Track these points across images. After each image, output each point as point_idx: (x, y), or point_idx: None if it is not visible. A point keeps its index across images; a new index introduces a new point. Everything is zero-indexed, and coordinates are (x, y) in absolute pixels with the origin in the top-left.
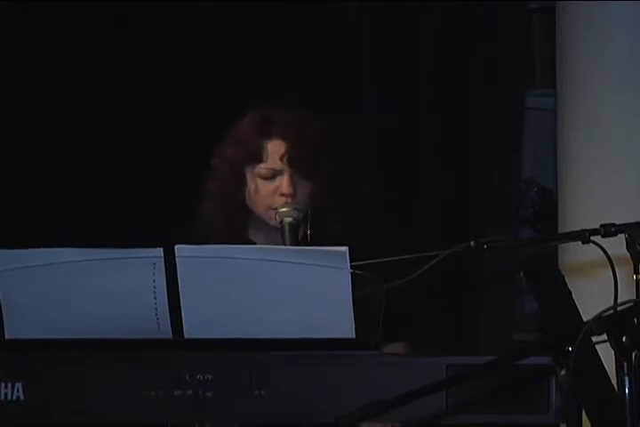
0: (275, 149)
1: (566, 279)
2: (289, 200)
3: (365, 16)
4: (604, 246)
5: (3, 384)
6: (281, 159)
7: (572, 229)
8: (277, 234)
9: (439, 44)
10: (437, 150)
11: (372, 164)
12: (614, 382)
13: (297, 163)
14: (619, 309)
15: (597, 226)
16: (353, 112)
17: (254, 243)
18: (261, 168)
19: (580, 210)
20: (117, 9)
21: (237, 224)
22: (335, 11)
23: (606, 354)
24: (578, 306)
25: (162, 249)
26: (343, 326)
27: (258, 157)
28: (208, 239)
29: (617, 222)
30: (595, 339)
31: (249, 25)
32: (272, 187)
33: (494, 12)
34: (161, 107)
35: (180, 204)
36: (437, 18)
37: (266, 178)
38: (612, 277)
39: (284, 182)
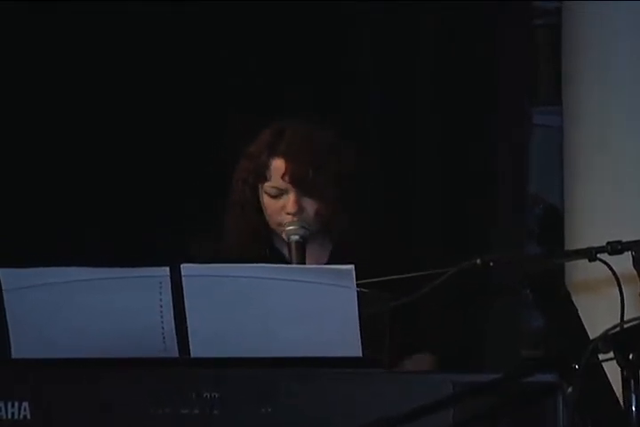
0: (277, 168)
1: (573, 296)
2: (294, 219)
3: (365, 16)
4: (610, 264)
5: (9, 403)
6: (282, 178)
7: (579, 245)
8: None
9: (439, 44)
10: (438, 157)
11: (372, 164)
12: (621, 399)
13: (298, 182)
14: (625, 326)
15: (604, 242)
16: (353, 112)
17: (283, 256)
18: (267, 186)
19: (586, 226)
20: (117, 9)
21: (253, 238)
22: (335, 11)
23: (613, 372)
24: (584, 323)
25: (168, 268)
26: (350, 345)
27: (264, 176)
28: (228, 252)
29: (623, 239)
30: (601, 356)
31: (249, 25)
32: (279, 205)
33: (495, 11)
34: (162, 108)
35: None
36: (437, 18)
37: (273, 196)
38: (619, 295)
39: (289, 201)
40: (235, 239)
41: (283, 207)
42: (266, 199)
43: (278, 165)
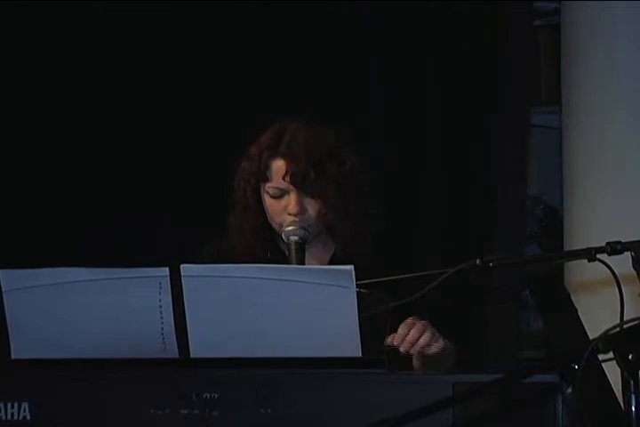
0: (277, 169)
1: (572, 297)
2: (296, 219)
3: (365, 16)
4: (610, 264)
5: (9, 404)
6: (283, 178)
7: (579, 246)
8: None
9: (440, 44)
10: (439, 158)
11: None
12: (621, 400)
13: (299, 182)
14: (625, 326)
15: (603, 243)
16: (353, 112)
17: (286, 258)
18: (269, 187)
19: (586, 227)
20: (117, 8)
21: (256, 240)
22: (335, 11)
23: (613, 372)
24: (584, 323)
25: (168, 268)
26: (349, 345)
27: (265, 177)
28: (232, 253)
29: (623, 240)
30: (601, 357)
31: (249, 25)
32: (281, 205)
33: (495, 12)
34: (162, 108)
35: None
36: (438, 18)
37: (274, 197)
38: (619, 295)
39: (290, 202)
40: (238, 241)
41: (285, 208)
42: (268, 200)
43: (279, 165)
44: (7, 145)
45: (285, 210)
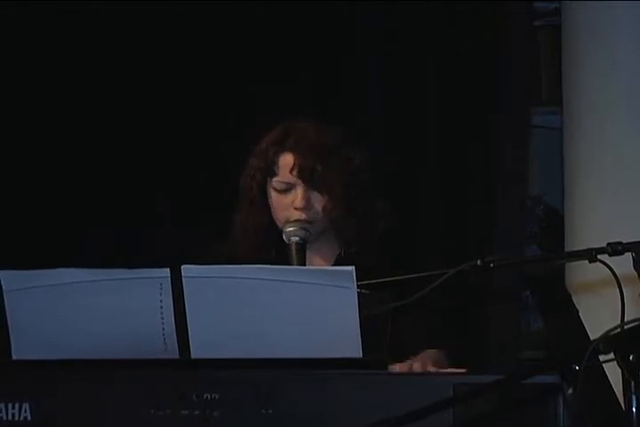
0: (285, 163)
1: (573, 298)
2: (302, 214)
3: (365, 16)
4: (610, 265)
5: (10, 404)
6: (290, 172)
7: (579, 247)
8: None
9: (440, 44)
10: (439, 158)
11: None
12: (622, 400)
13: (305, 175)
14: (626, 327)
15: (604, 244)
16: (353, 112)
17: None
18: (276, 182)
19: (586, 227)
20: (117, 8)
21: (261, 238)
22: (335, 11)
23: (614, 373)
24: (585, 324)
25: (169, 269)
26: (350, 346)
27: (272, 171)
28: (236, 253)
29: (624, 240)
30: (602, 357)
31: (250, 26)
32: (288, 200)
33: (496, 12)
34: (162, 108)
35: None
36: (439, 19)
37: (281, 191)
38: (619, 296)
39: (297, 196)
40: (242, 239)
41: (291, 203)
42: (274, 195)
43: (287, 159)
44: (7, 145)
45: (292, 205)
